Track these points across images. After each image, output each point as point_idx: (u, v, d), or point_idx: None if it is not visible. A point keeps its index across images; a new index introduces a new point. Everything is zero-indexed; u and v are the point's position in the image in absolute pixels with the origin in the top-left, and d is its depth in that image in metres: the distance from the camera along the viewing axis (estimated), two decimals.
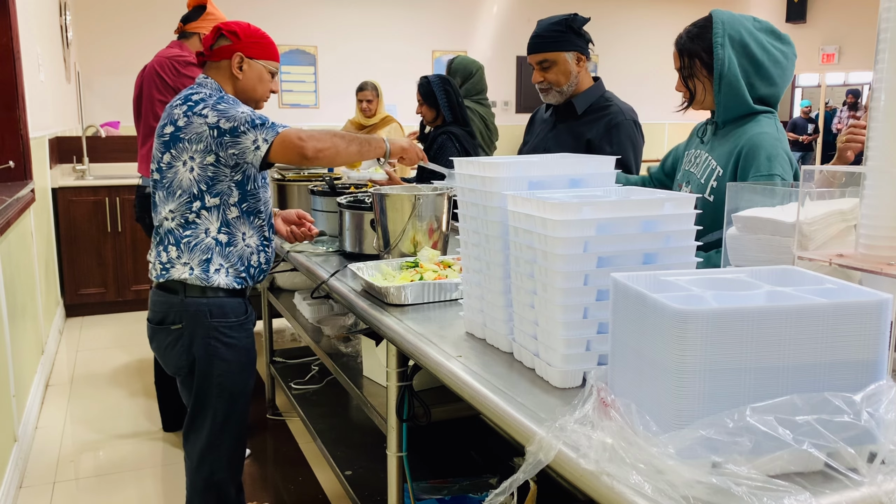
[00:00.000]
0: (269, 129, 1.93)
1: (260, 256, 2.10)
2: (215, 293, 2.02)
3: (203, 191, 1.97)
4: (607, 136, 2.51)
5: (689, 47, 1.91)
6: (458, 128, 3.45)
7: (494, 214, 1.38)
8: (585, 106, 2.57)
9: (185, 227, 1.99)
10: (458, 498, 2.04)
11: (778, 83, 1.88)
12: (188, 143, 1.94)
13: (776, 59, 1.86)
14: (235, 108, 1.94)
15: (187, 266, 1.99)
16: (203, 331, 2.00)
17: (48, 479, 2.96)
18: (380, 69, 8.27)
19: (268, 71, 2.11)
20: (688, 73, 1.93)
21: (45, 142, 4.68)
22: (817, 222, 1.25)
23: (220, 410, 2.05)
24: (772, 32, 1.88)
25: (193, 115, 1.93)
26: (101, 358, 4.40)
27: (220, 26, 2.08)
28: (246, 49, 2.06)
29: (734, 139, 1.87)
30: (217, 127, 1.91)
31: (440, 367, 1.39)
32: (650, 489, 0.84)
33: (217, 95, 1.99)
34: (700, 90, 1.92)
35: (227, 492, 2.13)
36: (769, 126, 1.86)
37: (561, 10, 2.82)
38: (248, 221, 2.05)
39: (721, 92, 1.86)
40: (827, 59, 10.90)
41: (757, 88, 1.86)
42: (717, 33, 1.83)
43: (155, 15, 7.43)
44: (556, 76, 2.53)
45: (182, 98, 1.99)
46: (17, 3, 3.67)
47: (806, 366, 0.90)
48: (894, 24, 1.13)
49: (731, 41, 1.83)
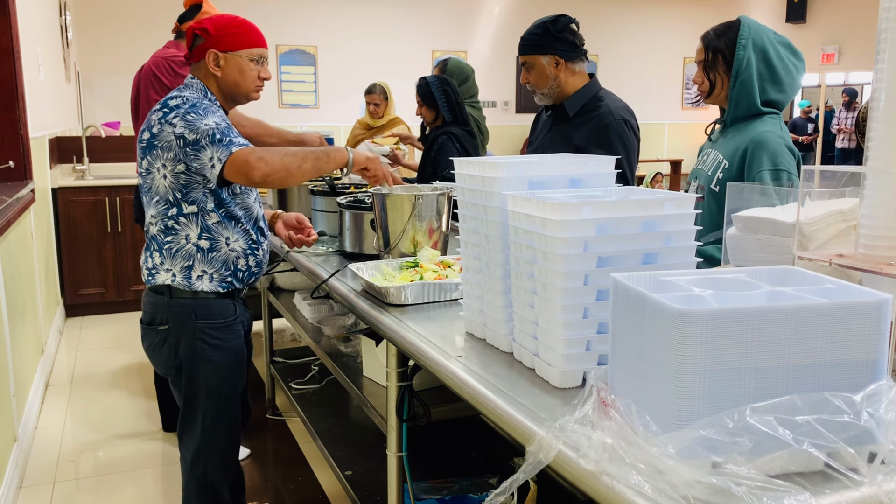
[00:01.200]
0: (225, 147, 1.87)
1: (249, 260, 2.06)
2: (202, 295, 2.01)
3: (178, 198, 1.94)
4: (596, 140, 2.47)
5: (714, 43, 2.04)
6: (458, 128, 3.45)
7: (494, 214, 1.38)
8: (577, 108, 2.55)
9: (165, 234, 1.98)
10: (458, 498, 2.04)
11: (787, 91, 2.03)
12: (160, 151, 1.91)
13: (789, 69, 2.03)
14: (202, 120, 1.89)
15: (170, 272, 1.98)
16: (189, 332, 1.99)
17: (48, 479, 2.96)
18: (380, 69, 8.27)
19: (249, 60, 2.03)
20: (710, 66, 2.06)
21: (45, 142, 4.69)
22: (817, 222, 1.25)
23: (209, 412, 2.05)
24: (788, 47, 2.05)
25: (165, 123, 1.90)
26: (101, 358, 4.40)
27: (193, 26, 2.03)
28: (218, 44, 1.99)
29: (741, 136, 2.02)
30: (182, 137, 1.88)
31: (440, 367, 1.39)
32: (650, 489, 0.84)
33: (193, 101, 1.93)
34: (718, 84, 2.06)
35: (222, 493, 2.12)
36: (774, 125, 2.01)
37: (561, 11, 2.81)
38: (231, 226, 2.00)
39: (735, 89, 2.00)
40: (827, 59, 10.90)
41: (768, 92, 2.01)
42: (743, 35, 1.99)
43: (155, 15, 7.43)
44: (535, 79, 2.55)
45: (161, 104, 1.96)
46: (17, 3, 3.67)
47: (806, 366, 0.90)
48: (894, 24, 1.13)
49: (754, 45, 1.99)
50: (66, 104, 6.13)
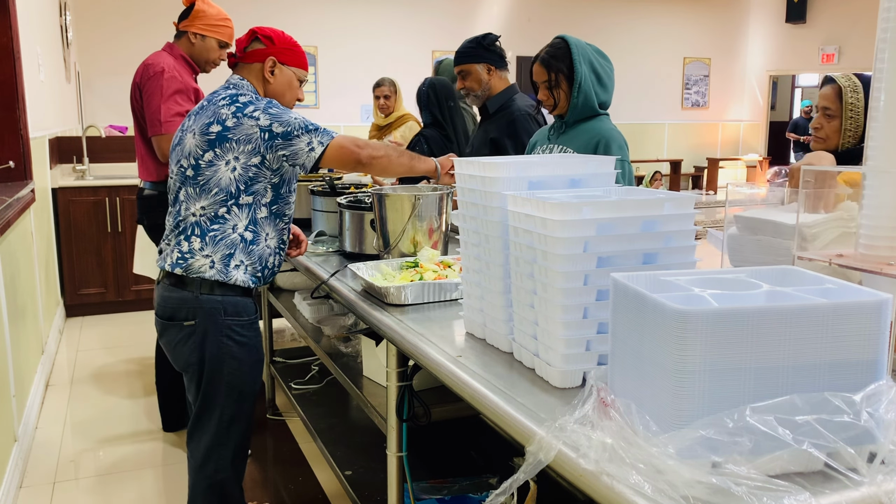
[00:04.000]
0: (324, 133, 2.02)
1: (275, 259, 2.12)
2: (229, 291, 2.02)
3: (240, 189, 1.99)
4: (507, 131, 2.92)
5: (555, 65, 2.36)
6: (433, 130, 3.58)
7: (494, 214, 1.38)
8: (496, 107, 3.02)
9: (213, 221, 1.99)
10: (458, 498, 2.04)
11: (610, 91, 2.42)
12: (236, 144, 1.95)
13: (609, 73, 2.41)
14: (286, 113, 2.00)
15: (209, 259, 1.99)
16: (217, 328, 2.01)
17: (48, 479, 2.96)
18: (380, 69, 8.26)
19: (297, 78, 2.16)
20: (553, 85, 2.38)
21: (45, 142, 4.69)
22: (818, 225, 1.25)
23: (227, 409, 2.06)
24: (602, 54, 2.41)
25: (244, 116, 1.95)
26: (101, 358, 4.40)
27: (256, 30, 2.13)
28: (279, 54, 2.10)
29: (587, 133, 2.37)
30: (269, 130, 1.95)
31: (440, 367, 1.39)
32: (650, 489, 0.84)
33: (262, 98, 2.04)
34: (562, 98, 2.39)
35: (232, 491, 2.13)
36: (610, 123, 2.42)
37: (560, 11, 2.86)
38: (273, 223, 2.07)
39: (578, 98, 2.35)
40: (827, 59, 10.90)
41: (599, 95, 2.38)
42: (575, 53, 2.33)
43: (155, 15, 7.44)
44: (471, 83, 3.01)
45: (228, 98, 2.00)
46: (17, 3, 3.67)
47: (806, 366, 0.90)
48: (894, 24, 1.13)
49: (584, 59, 2.34)
50: (66, 104, 6.13)
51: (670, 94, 11.51)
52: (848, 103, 2.16)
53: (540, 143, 2.56)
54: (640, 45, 10.72)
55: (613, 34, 10.22)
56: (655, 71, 11.11)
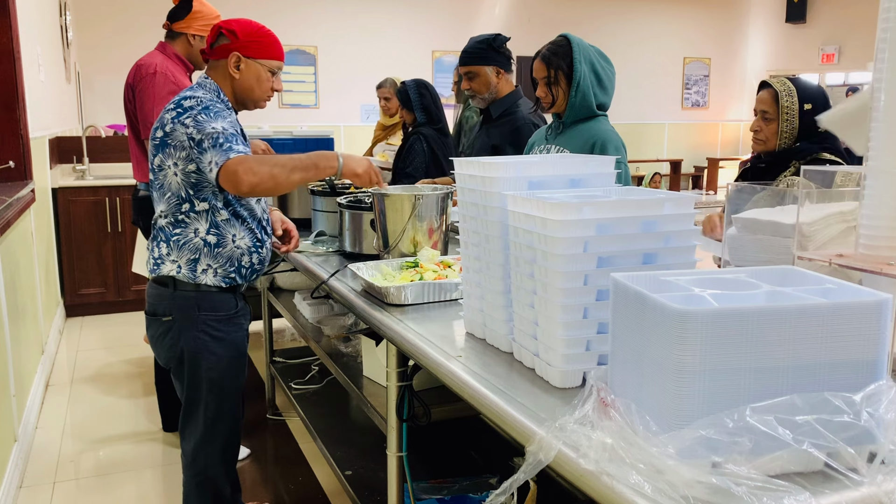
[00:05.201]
0: (224, 153, 1.87)
1: (252, 257, 2.09)
2: (205, 288, 2.03)
3: (190, 194, 1.98)
4: (509, 139, 2.88)
5: (555, 62, 2.34)
6: (429, 128, 3.55)
7: (494, 214, 1.38)
8: (499, 111, 2.97)
9: (175, 226, 2.01)
10: (458, 498, 2.04)
11: (610, 93, 2.41)
12: (173, 150, 1.94)
13: (609, 76, 2.40)
14: (211, 122, 1.90)
15: (175, 263, 2.02)
16: (191, 323, 2.02)
17: (48, 479, 2.96)
18: (380, 69, 8.27)
19: (267, 70, 2.08)
20: (552, 82, 2.37)
21: (45, 142, 4.68)
22: (817, 223, 1.25)
23: (210, 404, 2.07)
24: (603, 56, 2.40)
25: (178, 122, 1.93)
26: (101, 358, 4.40)
27: (221, 24, 2.07)
28: (244, 48, 2.04)
29: (584, 134, 2.37)
30: (192, 138, 1.90)
31: (440, 367, 1.39)
32: (650, 489, 0.84)
33: (206, 102, 1.96)
34: (560, 96, 2.38)
35: (222, 489, 2.13)
36: (608, 124, 2.40)
37: (561, 11, 2.87)
38: (240, 223, 2.05)
39: (576, 97, 2.34)
40: (827, 59, 10.89)
41: (598, 96, 2.37)
42: (577, 52, 2.32)
43: (155, 15, 7.41)
44: (478, 85, 2.96)
45: (175, 103, 1.98)
46: (17, 3, 3.67)
47: (806, 366, 0.90)
48: (894, 24, 1.13)
49: (585, 59, 2.32)
50: (66, 104, 6.12)
51: (670, 94, 11.50)
52: (784, 106, 2.23)
53: (537, 144, 2.56)
54: (640, 45, 10.71)
55: (613, 34, 10.22)
56: (655, 71, 11.11)
